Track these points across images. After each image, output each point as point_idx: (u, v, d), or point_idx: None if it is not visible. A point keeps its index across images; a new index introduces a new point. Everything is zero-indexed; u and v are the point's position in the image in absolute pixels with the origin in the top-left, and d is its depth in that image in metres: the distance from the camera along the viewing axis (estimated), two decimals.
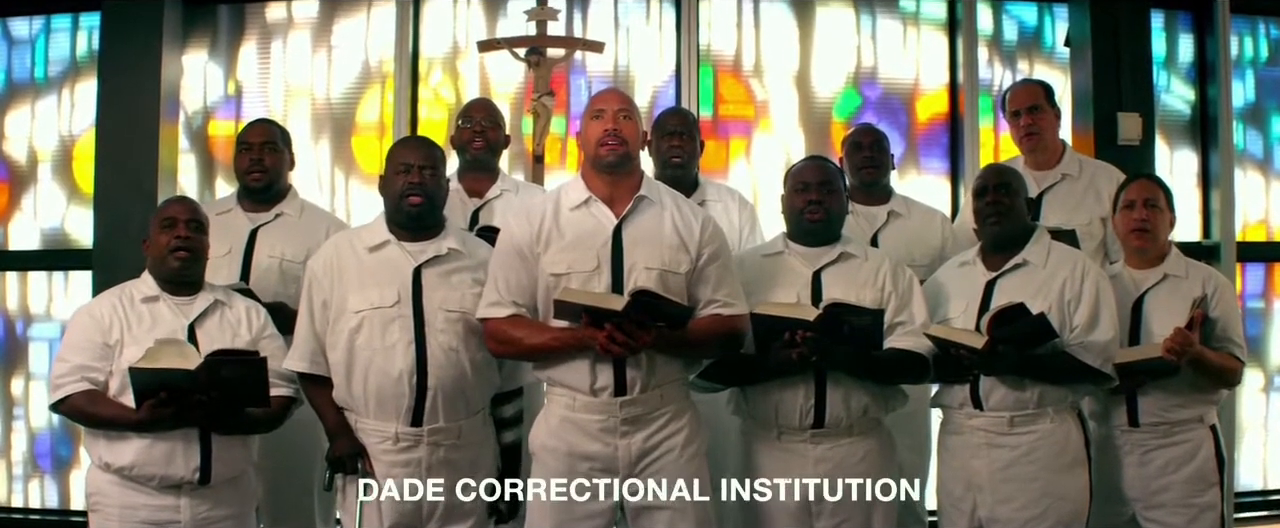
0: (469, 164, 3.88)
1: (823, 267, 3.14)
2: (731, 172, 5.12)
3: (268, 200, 3.70)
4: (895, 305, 3.13)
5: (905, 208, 3.89)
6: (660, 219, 2.96)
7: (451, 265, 3.06)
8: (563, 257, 2.90)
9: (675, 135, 3.74)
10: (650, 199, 2.98)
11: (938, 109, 5.26)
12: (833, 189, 3.19)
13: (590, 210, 2.94)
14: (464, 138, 3.87)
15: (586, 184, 2.96)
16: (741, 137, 5.15)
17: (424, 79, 5.07)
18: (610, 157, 2.90)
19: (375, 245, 3.08)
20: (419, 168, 3.04)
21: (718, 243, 3.00)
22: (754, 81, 5.18)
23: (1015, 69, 5.29)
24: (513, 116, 4.75)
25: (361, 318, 2.98)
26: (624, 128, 2.92)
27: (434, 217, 3.09)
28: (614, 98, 3.02)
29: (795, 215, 3.20)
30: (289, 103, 5.06)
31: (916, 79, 5.24)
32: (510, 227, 2.99)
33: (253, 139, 3.71)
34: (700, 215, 3.01)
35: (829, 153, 4.77)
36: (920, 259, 3.66)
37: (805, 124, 5.19)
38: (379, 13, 5.10)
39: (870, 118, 5.09)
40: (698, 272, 2.95)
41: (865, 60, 5.23)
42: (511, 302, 2.92)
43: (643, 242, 2.90)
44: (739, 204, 3.90)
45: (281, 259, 3.59)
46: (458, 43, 5.10)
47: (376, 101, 5.06)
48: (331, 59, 5.09)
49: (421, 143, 3.20)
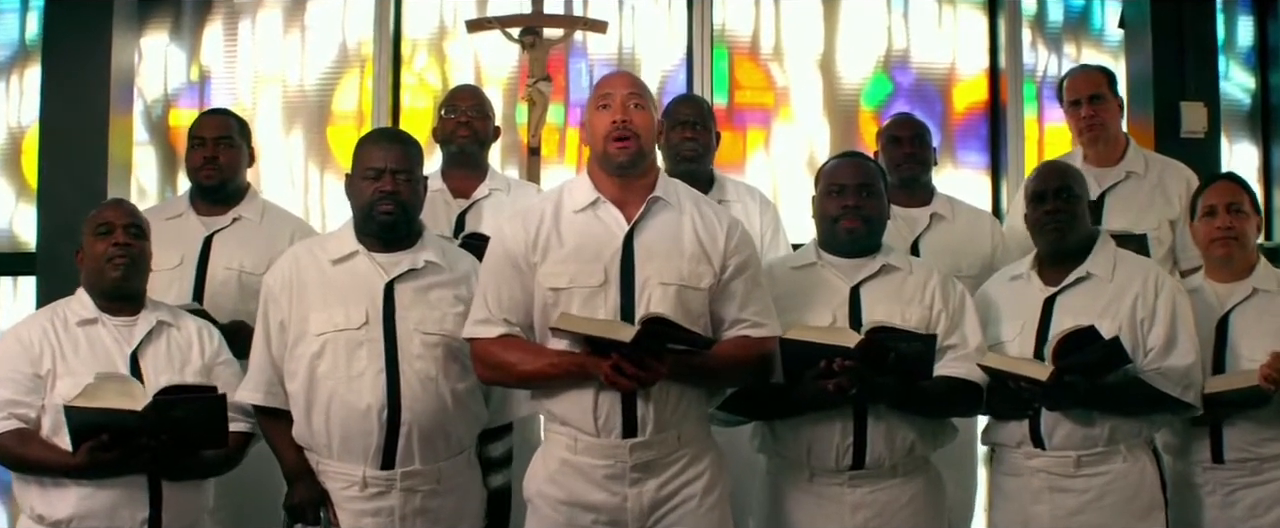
0: (453, 159, 3.66)
1: (862, 281, 2.92)
2: (748, 166, 4.95)
3: (223, 202, 3.47)
4: (945, 326, 2.91)
5: (949, 210, 3.68)
6: (678, 225, 2.70)
7: (430, 280, 2.83)
8: (563, 268, 2.64)
9: (688, 126, 3.54)
10: (667, 201, 2.72)
11: (976, 97, 5.10)
12: (873, 192, 2.96)
13: (597, 214, 2.69)
14: (447, 129, 3.65)
15: (593, 184, 2.71)
16: (759, 127, 4.99)
17: (407, 63, 4.92)
18: (622, 156, 2.65)
19: (341, 257, 2.84)
20: (392, 173, 2.80)
21: (746, 252, 2.75)
22: (773, 66, 5.03)
23: (1061, 53, 5.14)
24: (505, 105, 4.69)
25: (324, 342, 2.75)
26: (635, 118, 2.66)
27: (409, 225, 2.86)
28: (622, 81, 2.75)
29: (829, 222, 2.97)
30: (258, 90, 4.90)
31: (953, 63, 5.08)
32: (503, 232, 2.73)
33: (205, 132, 3.48)
34: (725, 220, 2.76)
35: (857, 146, 4.66)
36: (967, 269, 3.47)
37: (830, 113, 5.02)
38: None
39: (902, 106, 4.92)
40: (722, 286, 2.69)
41: (896, 42, 5.07)
42: (502, 320, 2.67)
43: (658, 252, 2.65)
44: (760, 205, 3.69)
45: (240, 270, 3.37)
46: (444, 22, 4.94)
47: (355, 88, 4.89)
48: (305, 41, 4.91)
49: (394, 141, 2.94)
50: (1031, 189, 3.11)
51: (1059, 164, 3.31)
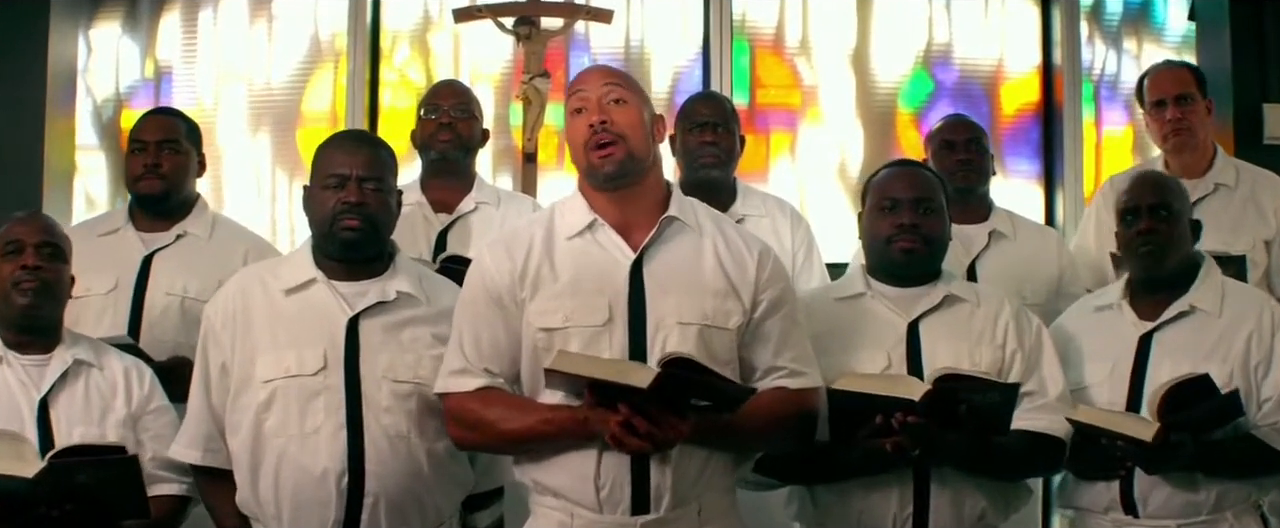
0: (434, 167, 3.42)
1: (921, 315, 2.66)
2: (771, 174, 4.74)
3: (167, 216, 3.20)
4: (1021, 369, 2.65)
5: (1010, 227, 3.44)
6: (698, 252, 2.38)
7: (403, 315, 2.53)
8: (557, 305, 2.32)
9: (707, 128, 3.34)
10: (683, 222, 2.40)
11: (1027, 97, 4.89)
12: (933, 207, 2.69)
13: (597, 239, 2.37)
14: (427, 131, 3.41)
15: (589, 203, 2.39)
16: (784, 130, 4.78)
17: (386, 57, 4.72)
18: (607, 165, 2.33)
19: (295, 286, 2.55)
20: (358, 181, 2.50)
21: (780, 285, 2.43)
22: (800, 61, 4.81)
23: (1120, 49, 4.94)
24: (497, 104, 4.55)
25: (272, 391, 2.47)
26: (617, 117, 2.33)
27: (378, 245, 2.56)
28: (595, 77, 2.42)
29: (881, 244, 2.69)
30: (220, 88, 4.71)
31: (1001, 60, 4.87)
32: (483, 262, 2.41)
33: (146, 136, 3.21)
34: (756, 246, 2.44)
35: (893, 153, 4.57)
36: (1031, 296, 3.24)
37: (864, 115, 4.82)
38: None
39: (945, 106, 4.72)
40: (753, 327, 2.37)
41: (938, 36, 4.86)
42: (483, 370, 2.36)
43: (674, 284, 2.32)
44: (791, 220, 3.46)
45: (183, 296, 3.09)
46: (429, 12, 4.74)
47: (328, 86, 4.69)
48: (273, 33, 4.72)
49: (361, 143, 2.66)
50: (1123, 204, 2.86)
51: (1156, 175, 3.04)
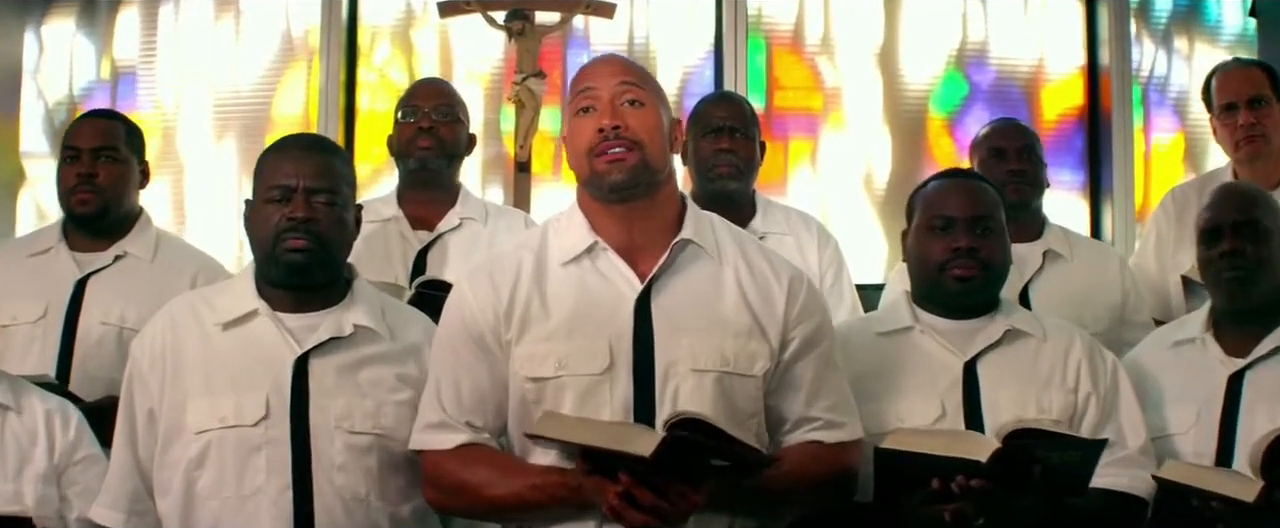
0: (414, 177, 3.19)
1: (979, 353, 2.42)
2: (789, 185, 4.61)
3: (104, 234, 2.99)
4: (1096, 416, 2.41)
5: (1066, 246, 3.22)
6: (717, 282, 2.14)
7: (362, 353, 2.29)
8: (550, 348, 2.09)
9: (723, 133, 3.15)
10: (700, 246, 2.15)
11: (1070, 101, 4.76)
12: (992, 227, 2.45)
13: (596, 266, 2.13)
14: (405, 137, 3.18)
15: (588, 221, 2.15)
16: (804, 136, 4.65)
17: (365, 56, 4.61)
18: (616, 173, 2.09)
19: (233, 319, 2.29)
20: (306, 193, 2.25)
21: (815, 320, 2.18)
22: (821, 61, 4.69)
23: (1170, 48, 4.83)
24: (487, 108, 4.45)
25: (206, 443, 2.23)
26: (631, 121, 2.10)
27: (329, 270, 2.31)
28: (608, 69, 2.20)
29: (933, 270, 2.45)
30: (183, 89, 4.58)
31: (1041, 60, 4.75)
32: (463, 295, 2.18)
33: (80, 142, 3.00)
34: (785, 273, 2.19)
35: (926, 162, 4.48)
36: (1091, 324, 2.97)
37: (892, 120, 4.69)
38: None
39: (980, 110, 4.62)
40: (783, 371, 2.14)
41: (973, 34, 4.74)
42: (464, 423, 2.14)
43: (689, 322, 2.09)
44: (818, 239, 3.25)
45: (120, 326, 2.88)
46: (411, 5, 4.64)
47: (300, 86, 4.57)
48: (240, 29, 4.61)
49: (309, 147, 2.40)
50: (1204, 222, 2.63)
51: (1242, 187, 2.85)
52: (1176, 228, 3.31)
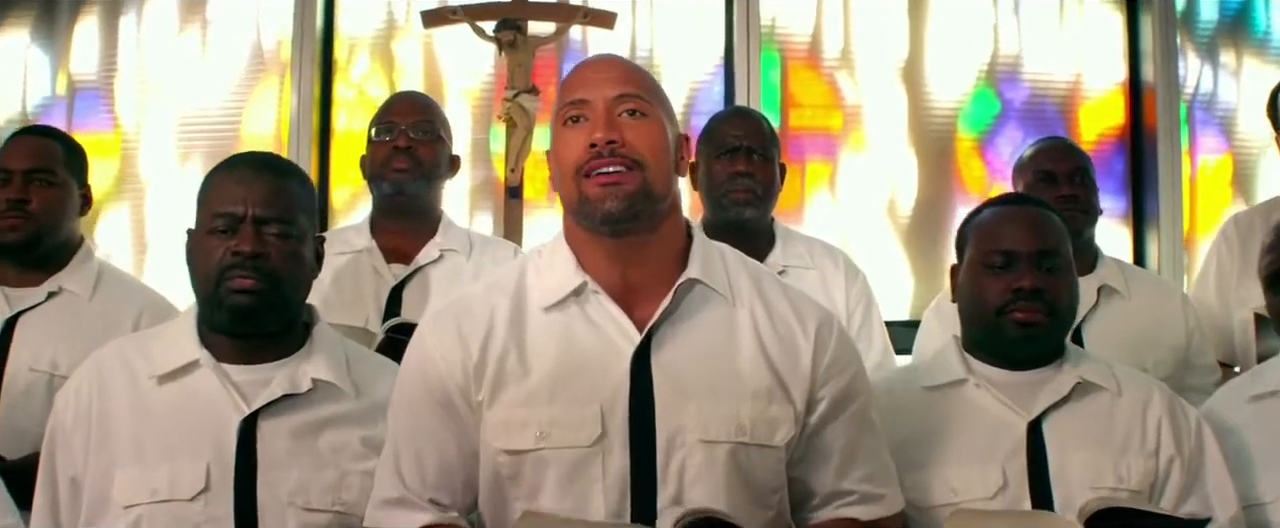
0: (389, 204, 2.97)
1: (1045, 411, 2.18)
2: (806, 212, 4.44)
3: (38, 267, 2.78)
4: (1180, 482, 2.18)
5: (1122, 281, 3.02)
6: (730, 331, 1.89)
7: (320, 413, 2.06)
8: (529, 414, 1.84)
9: (740, 155, 2.96)
10: (708, 286, 1.90)
11: (1110, 120, 4.63)
12: (1059, 264, 2.23)
13: (586, 313, 1.88)
14: (379, 158, 2.97)
15: (575, 256, 1.90)
16: (822, 158, 4.51)
17: (341, 70, 4.45)
18: (612, 202, 1.83)
19: (170, 371, 2.05)
20: (255, 221, 2.02)
21: (848, 374, 1.93)
22: (841, 76, 4.54)
23: (1215, 63, 4.68)
24: (475, 127, 4.33)
25: (136, 519, 2.00)
26: (631, 135, 1.85)
27: (283, 313, 2.07)
28: (601, 74, 1.93)
29: (990, 314, 2.22)
30: (144, 105, 4.40)
31: (1079, 76, 4.62)
32: (425, 347, 1.93)
33: (11, 163, 2.79)
34: (811, 316, 1.94)
35: (954, 187, 4.45)
36: (1153, 369, 2.81)
37: (918, 140, 4.54)
38: None
39: (1013, 129, 4.52)
40: (810, 436, 1.90)
41: (1004, 47, 4.61)
42: (428, 500, 1.91)
43: (697, 383, 1.85)
44: (845, 274, 3.05)
45: (51, 373, 2.68)
46: (393, 14, 4.49)
47: (272, 103, 4.40)
48: (207, 41, 4.44)
49: (261, 169, 2.16)
50: (1271, 248, 2.45)
51: None
52: (1240, 259, 3.15)
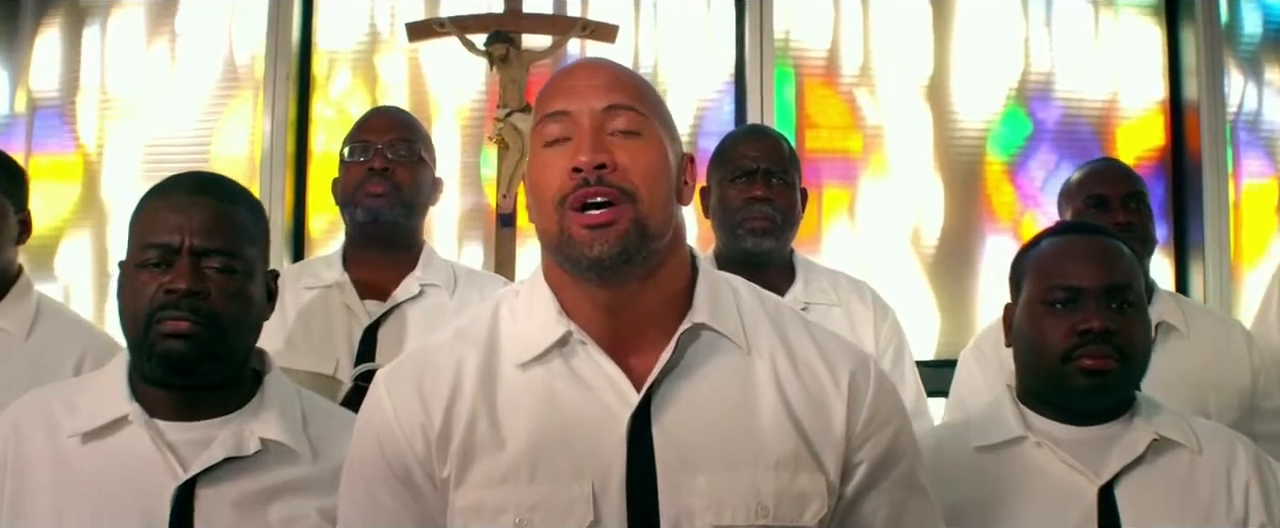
0: (365, 233, 2.72)
1: (1118, 474, 1.96)
2: (823, 243, 4.30)
3: None
4: None
5: (1181, 317, 2.83)
6: (745, 383, 1.62)
7: (269, 480, 1.82)
8: (505, 495, 1.58)
9: (756, 178, 2.75)
10: (718, 331, 1.63)
11: (1150, 141, 4.49)
12: (1130, 300, 2.01)
13: (571, 368, 1.61)
14: (352, 181, 2.71)
15: (559, 301, 1.63)
16: (840, 184, 4.38)
17: (320, 86, 4.31)
18: (600, 246, 1.57)
19: (96, 428, 1.80)
20: (193, 252, 1.79)
21: (891, 430, 1.66)
22: (861, 94, 4.42)
23: (1260, 80, 4.53)
24: (465, 149, 4.19)
25: None
26: (624, 157, 1.59)
27: (226, 362, 1.84)
28: (590, 81, 1.66)
29: (1053, 360, 1.99)
30: (107, 123, 4.29)
31: (1115, 94, 4.49)
32: (382, 409, 1.64)
33: None
34: (844, 361, 1.67)
35: (983, 214, 4.28)
36: (1216, 414, 2.70)
37: (943, 164, 4.40)
38: None
39: (1046, 151, 4.40)
40: (847, 509, 1.65)
41: (1036, 64, 4.48)
42: None
43: (707, 451, 1.58)
44: (874, 311, 2.83)
45: None
46: (376, 27, 4.36)
47: (245, 121, 4.27)
48: (176, 55, 4.31)
49: (201, 191, 1.91)
50: None
51: None
52: None
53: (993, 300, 4.05)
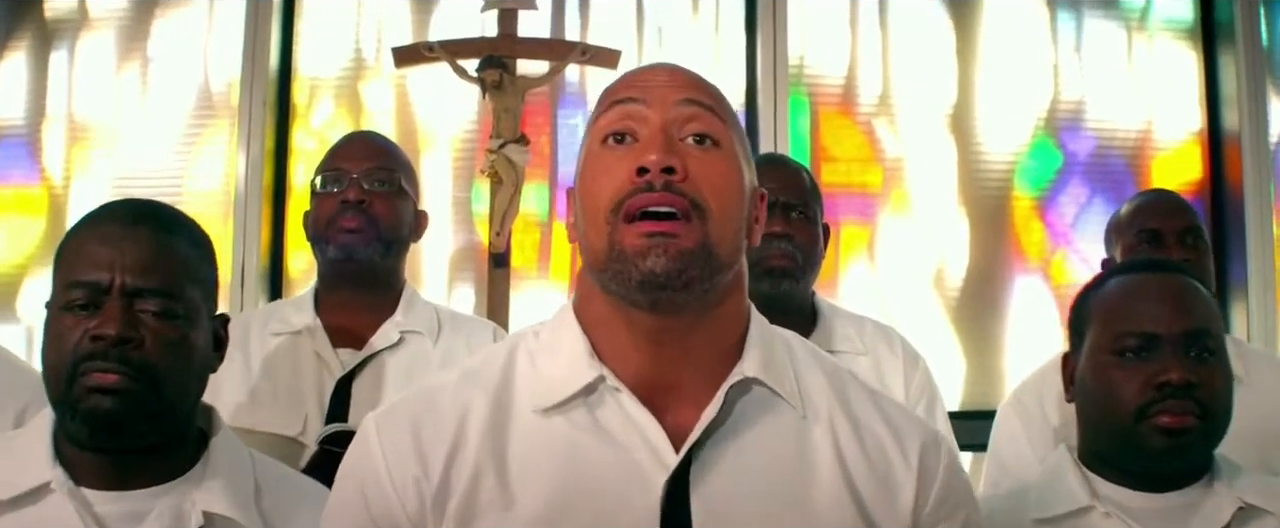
0: (336, 273, 2.51)
1: None
2: (840, 285, 4.14)
3: None
4: None
5: (1239, 362, 2.61)
6: (801, 450, 1.44)
7: None
8: None
9: (776, 213, 2.53)
10: (772, 389, 1.44)
11: (1187, 174, 4.37)
12: (1211, 348, 1.86)
13: (598, 420, 1.41)
14: (324, 214, 2.51)
15: (588, 338, 1.44)
16: (859, 221, 4.24)
17: (300, 115, 4.18)
18: (657, 258, 1.36)
19: (16, 497, 1.60)
20: (124, 293, 1.60)
21: (962, 516, 1.50)
22: (880, 124, 4.28)
23: None
24: (456, 183, 4.07)
25: None
26: (698, 167, 1.41)
27: (166, 421, 1.63)
28: (666, 77, 1.48)
29: (1126, 417, 1.81)
30: (74, 153, 4.16)
31: (1150, 124, 4.37)
32: (369, 457, 1.46)
33: None
34: (914, 434, 1.50)
35: (1011, 254, 4.16)
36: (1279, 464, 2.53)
37: (969, 200, 4.27)
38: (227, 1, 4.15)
39: (1078, 187, 4.25)
40: None
41: (1066, 92, 4.35)
42: None
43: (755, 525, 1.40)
44: (904, 361, 2.62)
45: None
46: (361, 51, 4.22)
47: (221, 152, 4.13)
48: (148, 81, 4.18)
49: (137, 220, 1.72)
50: None
51: None
52: None
53: (1021, 346, 3.95)
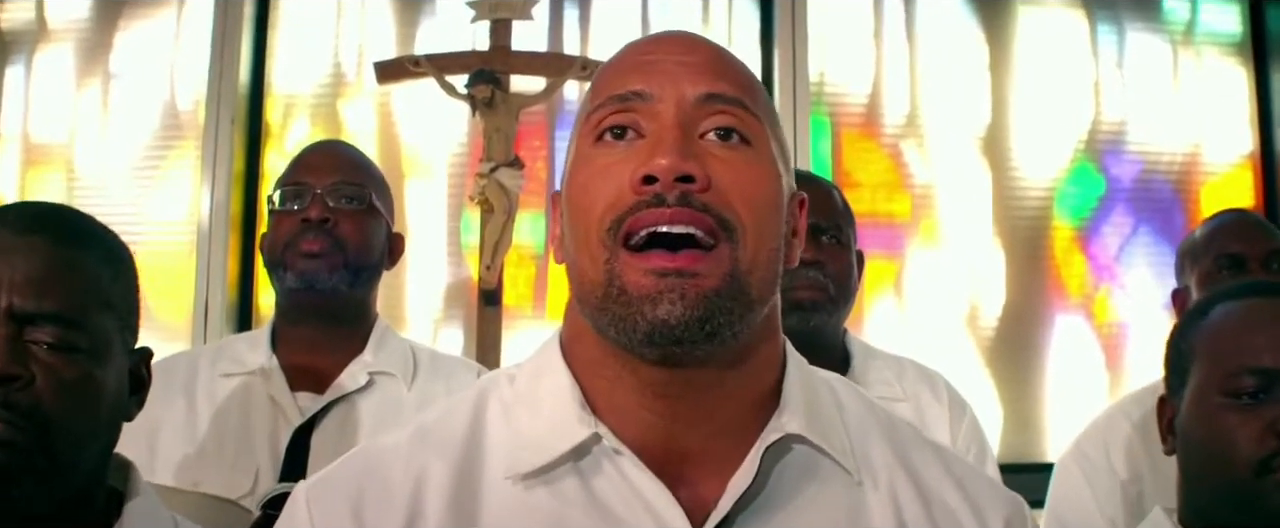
0: (295, 303, 2.25)
1: None
2: (866, 322, 3.98)
3: None
4: None
5: None
6: (853, 522, 1.19)
7: None
8: None
9: (807, 237, 2.17)
10: (819, 449, 1.18)
11: (1238, 200, 4.24)
12: None
13: (592, 491, 1.15)
14: (282, 236, 2.25)
15: (579, 385, 1.18)
16: (885, 253, 4.07)
17: (274, 135, 4.03)
18: (667, 306, 1.08)
19: None
20: (11, 321, 1.36)
21: None
22: (908, 147, 4.14)
23: None
24: (450, 213, 3.92)
25: None
26: (722, 172, 1.13)
27: (60, 479, 1.40)
28: (678, 54, 1.17)
29: (1242, 470, 1.63)
30: (30, 176, 4.08)
31: (1197, 147, 4.26)
32: None
33: None
34: (997, 507, 1.24)
35: (1050, 288, 3.97)
36: None
37: (1004, 230, 4.13)
38: (195, 10, 4.00)
39: (1122, 216, 4.12)
40: None
41: (1107, 113, 4.22)
42: None
43: None
44: (949, 407, 2.37)
45: None
46: (340, 66, 4.07)
47: (186, 175, 3.99)
48: (110, 99, 4.05)
49: (29, 229, 1.46)
50: None
51: None
52: None
53: (1063, 392, 3.79)
